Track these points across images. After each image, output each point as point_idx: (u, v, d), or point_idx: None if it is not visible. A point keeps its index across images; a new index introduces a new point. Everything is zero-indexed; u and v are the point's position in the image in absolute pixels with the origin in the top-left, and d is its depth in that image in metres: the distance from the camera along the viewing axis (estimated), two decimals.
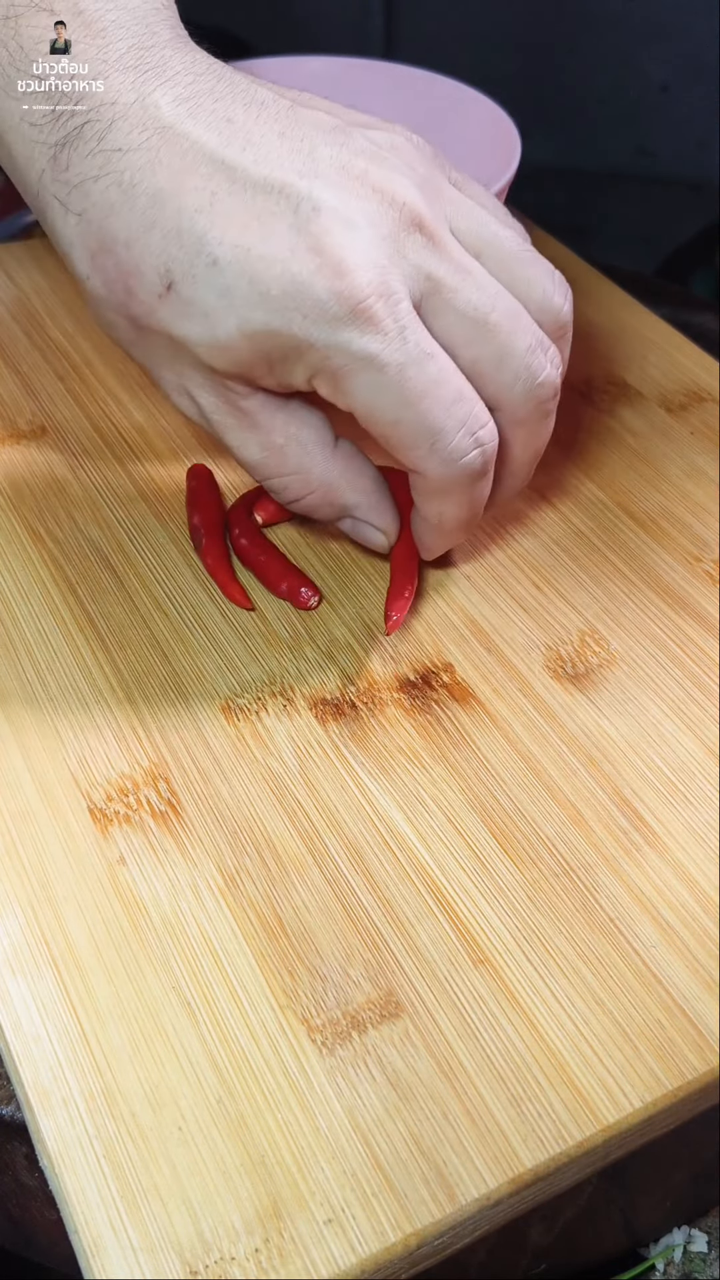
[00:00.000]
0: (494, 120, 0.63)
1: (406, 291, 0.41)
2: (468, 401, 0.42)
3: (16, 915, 0.39)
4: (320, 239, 0.40)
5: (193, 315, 0.41)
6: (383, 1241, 0.33)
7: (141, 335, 0.44)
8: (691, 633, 0.49)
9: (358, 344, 0.40)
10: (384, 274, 0.40)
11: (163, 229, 0.41)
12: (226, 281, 0.40)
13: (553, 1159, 0.34)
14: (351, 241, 0.40)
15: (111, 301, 0.43)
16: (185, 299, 0.41)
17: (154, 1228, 0.33)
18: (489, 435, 0.43)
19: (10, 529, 0.53)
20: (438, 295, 0.42)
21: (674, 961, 0.39)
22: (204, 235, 0.40)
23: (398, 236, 0.41)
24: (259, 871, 0.41)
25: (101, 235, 0.42)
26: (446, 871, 0.41)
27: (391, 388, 0.41)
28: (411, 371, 0.41)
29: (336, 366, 0.41)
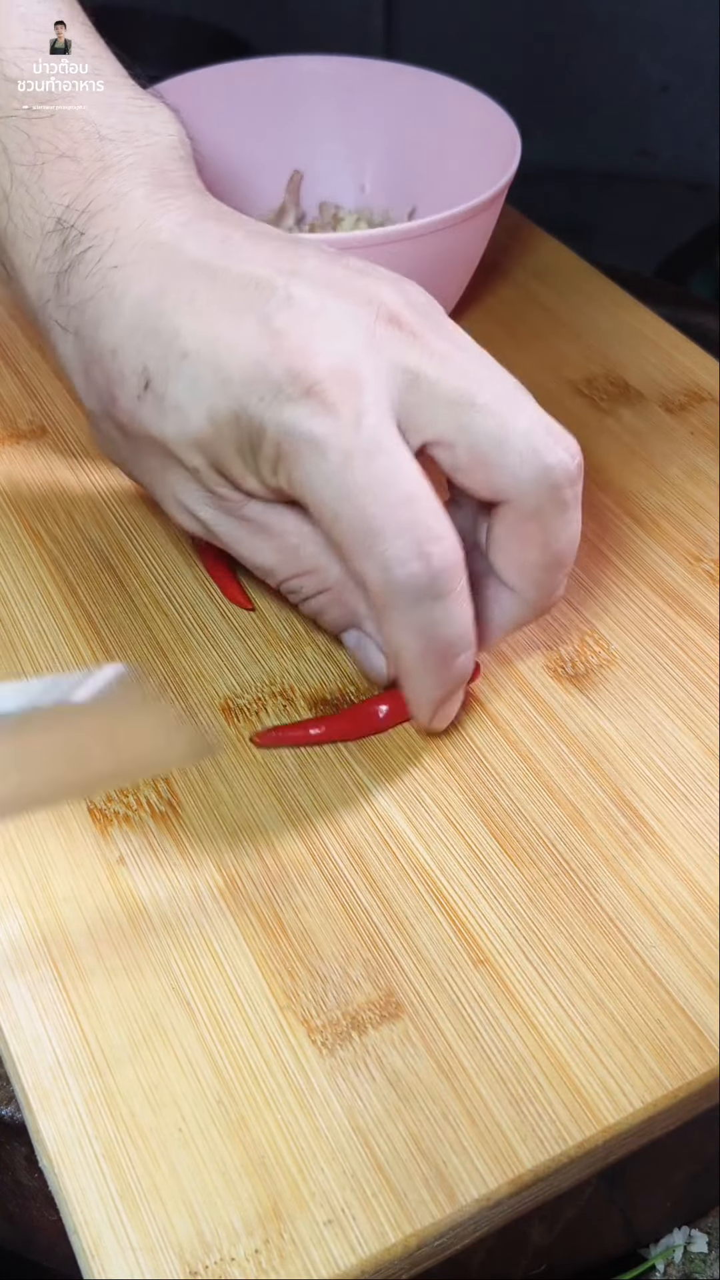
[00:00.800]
0: (494, 120, 0.63)
1: (377, 384, 0.39)
2: (420, 508, 0.39)
3: (16, 915, 0.39)
4: (287, 325, 0.39)
5: (166, 411, 0.41)
6: (383, 1242, 0.33)
7: (132, 446, 0.44)
8: (692, 633, 0.49)
9: (305, 424, 0.38)
10: (349, 360, 0.39)
11: (143, 330, 0.41)
12: (195, 372, 0.40)
13: (553, 1159, 0.34)
14: (318, 328, 0.39)
15: (102, 413, 0.44)
16: (159, 395, 0.41)
17: (154, 1228, 0.33)
18: (442, 552, 0.39)
19: (10, 529, 0.53)
20: (418, 389, 0.40)
21: (674, 961, 0.39)
22: (178, 330, 0.40)
23: (373, 331, 0.40)
24: (259, 872, 0.41)
25: (92, 348, 0.43)
26: (446, 871, 0.41)
27: (334, 477, 0.38)
28: (357, 462, 0.38)
29: (286, 450, 0.39)
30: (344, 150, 0.69)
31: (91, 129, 0.45)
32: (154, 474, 0.44)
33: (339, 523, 0.39)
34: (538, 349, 0.64)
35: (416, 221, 0.56)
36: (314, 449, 0.38)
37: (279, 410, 0.39)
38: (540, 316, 0.67)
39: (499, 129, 0.62)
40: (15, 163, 0.45)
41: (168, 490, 0.44)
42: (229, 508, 0.43)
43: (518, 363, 0.63)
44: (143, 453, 0.44)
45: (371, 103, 0.68)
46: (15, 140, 0.45)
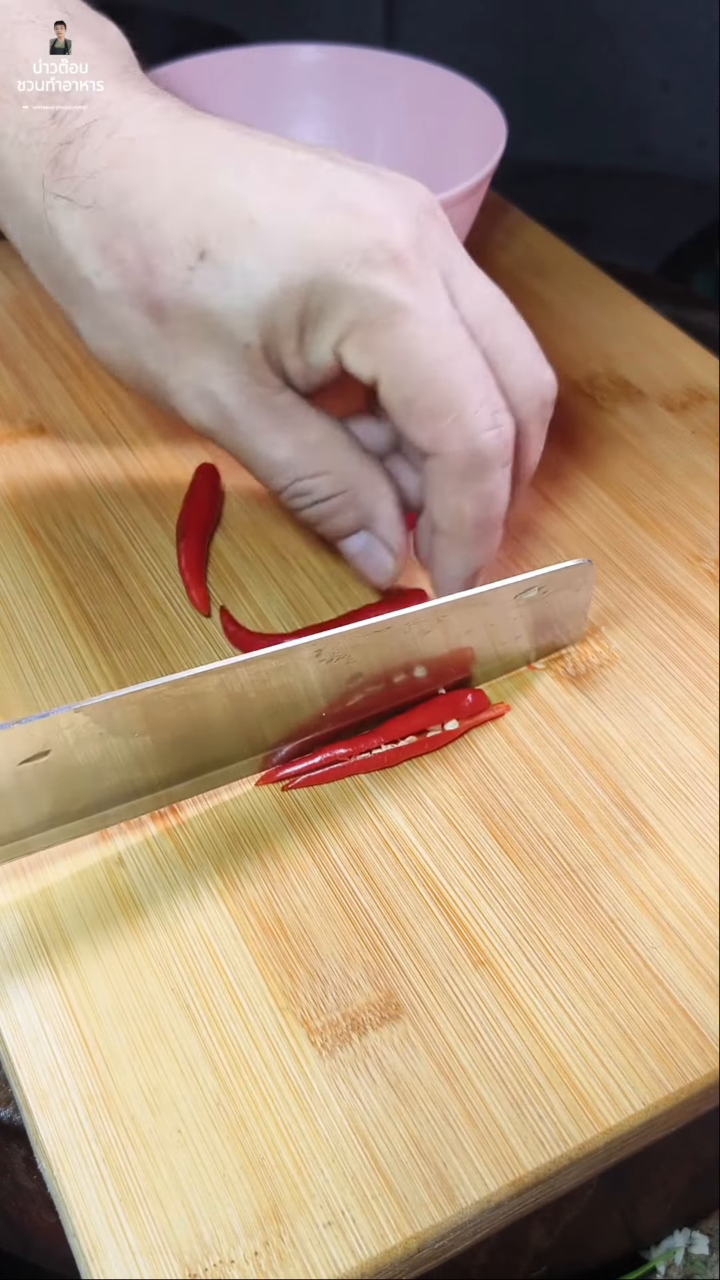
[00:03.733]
0: (481, 107, 0.62)
1: (436, 265, 0.41)
2: (488, 381, 0.41)
3: (15, 916, 0.39)
4: (355, 200, 0.40)
5: (230, 281, 0.40)
6: (383, 1244, 0.33)
7: (163, 330, 0.42)
8: (693, 632, 0.49)
9: (396, 293, 0.39)
10: (417, 235, 0.40)
11: (193, 200, 0.40)
12: (267, 238, 0.39)
13: (553, 1161, 0.34)
14: (386, 204, 0.40)
15: (128, 294, 0.41)
16: (222, 264, 0.40)
17: (153, 1230, 0.33)
18: (507, 421, 0.42)
19: (9, 529, 0.52)
20: (457, 277, 0.41)
21: (675, 962, 0.38)
22: (240, 200, 0.40)
23: (420, 218, 0.41)
24: (259, 873, 0.41)
25: (117, 221, 0.41)
26: (447, 872, 0.41)
27: (423, 344, 0.40)
28: (444, 331, 0.40)
29: (373, 318, 0.40)
30: (337, 138, 0.69)
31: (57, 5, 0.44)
32: (178, 361, 0.42)
33: (429, 388, 0.40)
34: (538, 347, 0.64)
35: None
36: (407, 317, 0.40)
37: (367, 276, 0.39)
38: (541, 314, 0.67)
39: (485, 116, 0.62)
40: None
41: (192, 375, 0.42)
42: (262, 396, 0.42)
43: None
44: (176, 334, 0.42)
45: (362, 89, 0.68)
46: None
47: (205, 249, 0.40)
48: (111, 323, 0.42)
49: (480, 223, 0.64)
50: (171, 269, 0.40)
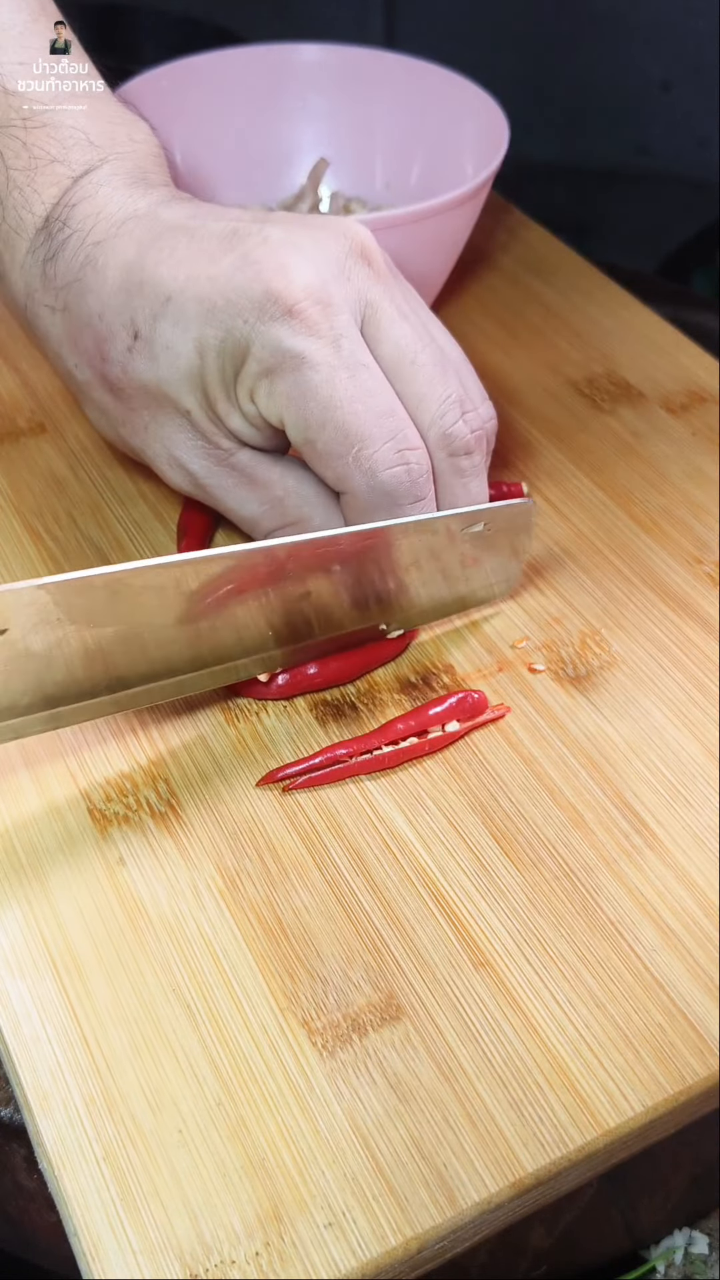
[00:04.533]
0: (481, 107, 0.62)
1: (348, 309, 0.42)
2: (398, 419, 0.43)
3: (16, 916, 0.39)
4: (264, 258, 0.42)
5: (157, 354, 0.44)
6: (383, 1245, 0.33)
7: (125, 406, 0.46)
8: (692, 635, 0.49)
9: (289, 341, 0.42)
10: (324, 284, 0.42)
11: (128, 289, 0.44)
12: (180, 309, 0.43)
13: (553, 1163, 0.34)
14: (294, 256, 0.42)
15: (94, 379, 0.46)
16: (148, 341, 0.44)
17: (154, 1230, 0.33)
18: (418, 459, 0.43)
19: (9, 528, 0.52)
20: (375, 324, 0.43)
21: (675, 965, 0.39)
22: (161, 279, 0.43)
23: (343, 261, 0.43)
24: (259, 873, 0.41)
25: (79, 316, 0.46)
26: (447, 874, 0.41)
27: (320, 389, 0.42)
28: (342, 375, 0.42)
29: (271, 366, 0.42)
30: (337, 138, 0.69)
31: (81, 136, 0.48)
32: (148, 431, 0.46)
33: (324, 432, 0.42)
34: (538, 348, 0.64)
35: (386, 213, 0.56)
36: (299, 364, 0.42)
37: (263, 329, 0.42)
38: (541, 315, 0.67)
39: (489, 117, 0.62)
40: (11, 168, 0.47)
41: (161, 446, 0.46)
42: (220, 457, 0.45)
43: (518, 361, 0.64)
44: (135, 409, 0.46)
45: (363, 90, 0.68)
46: (12, 148, 0.47)
47: (137, 331, 0.44)
48: (96, 406, 0.48)
49: (481, 223, 0.64)
50: (116, 353, 0.45)
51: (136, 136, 0.49)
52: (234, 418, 0.44)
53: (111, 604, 0.39)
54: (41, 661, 0.39)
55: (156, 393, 0.45)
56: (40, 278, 0.47)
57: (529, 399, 0.61)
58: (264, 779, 0.43)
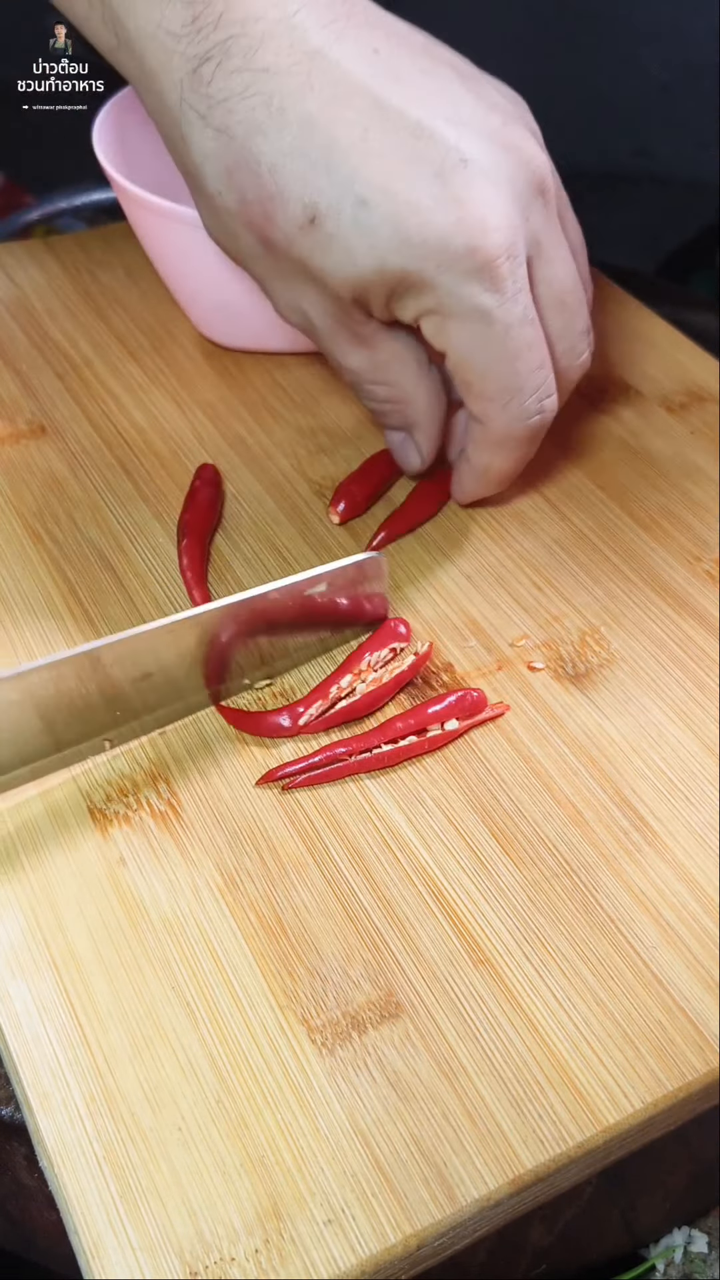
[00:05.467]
0: None
1: (524, 251, 0.44)
2: (546, 369, 0.46)
3: (16, 916, 0.39)
4: (464, 193, 0.42)
5: (333, 250, 0.43)
6: (383, 1242, 0.33)
7: (270, 256, 0.45)
8: (692, 633, 0.49)
9: (479, 298, 0.43)
10: (514, 235, 0.43)
11: (311, 159, 0.42)
12: (372, 222, 0.42)
13: (553, 1160, 0.34)
14: (492, 199, 0.42)
15: (244, 219, 0.44)
16: (328, 233, 0.43)
17: (154, 1228, 0.33)
18: (552, 404, 0.47)
19: (9, 529, 0.53)
20: (540, 262, 0.45)
21: (674, 962, 0.39)
22: (355, 172, 0.42)
23: (526, 198, 0.44)
24: (259, 872, 0.41)
25: (244, 154, 0.42)
26: (447, 872, 0.41)
27: (494, 342, 0.44)
28: (515, 332, 0.44)
29: (452, 311, 0.43)
30: None
31: None
32: (279, 279, 0.46)
33: (487, 378, 0.45)
34: None
35: None
36: (481, 317, 0.43)
37: (455, 280, 0.43)
38: None
39: None
40: None
41: (291, 295, 0.46)
42: (345, 322, 0.46)
43: None
44: (280, 265, 0.45)
45: None
46: None
47: (315, 215, 0.42)
48: (226, 228, 0.46)
49: None
50: (284, 221, 0.43)
51: None
52: (383, 313, 0.45)
53: None
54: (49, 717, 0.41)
55: (314, 272, 0.44)
56: (190, 73, 0.42)
57: None
58: (264, 778, 0.43)
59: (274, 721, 0.45)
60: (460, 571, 0.52)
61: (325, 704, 0.45)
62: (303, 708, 0.45)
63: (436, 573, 0.51)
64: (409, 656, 0.47)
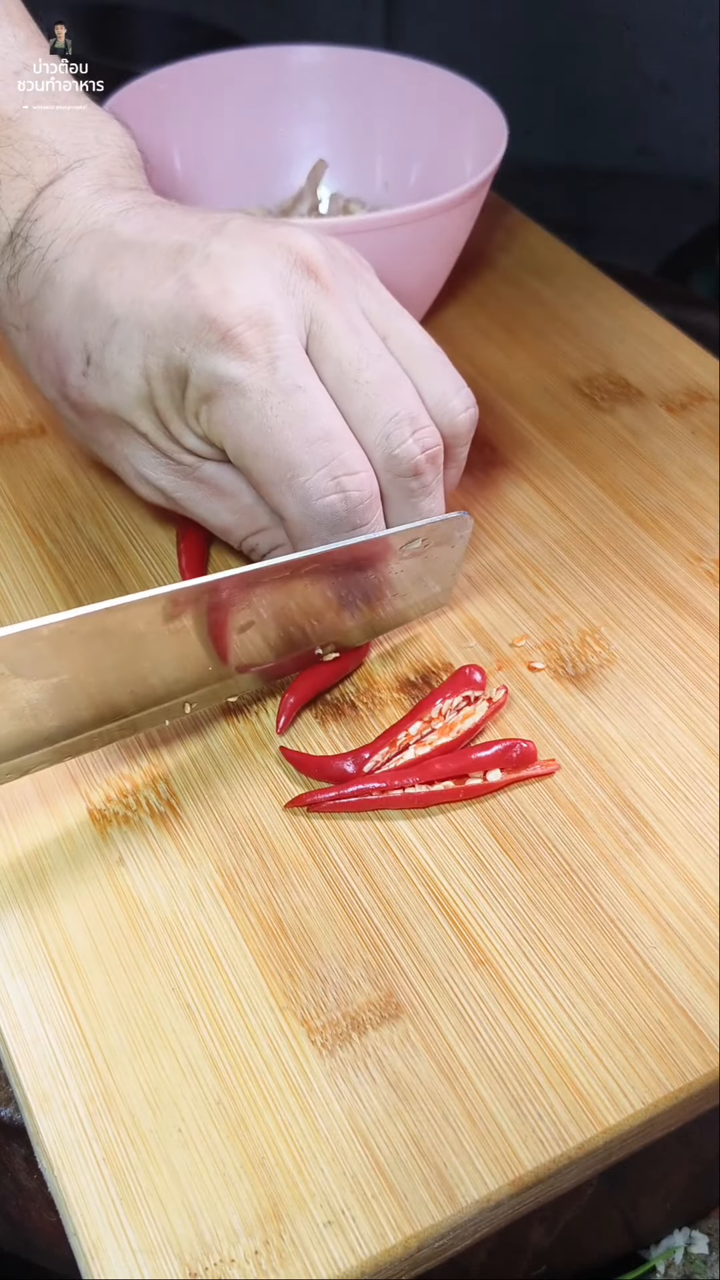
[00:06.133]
0: (481, 107, 0.63)
1: (290, 327, 0.42)
2: (336, 443, 0.41)
3: (16, 916, 0.39)
4: (202, 278, 0.42)
5: (108, 379, 0.43)
6: (383, 1243, 0.33)
7: (88, 423, 0.46)
8: (692, 632, 0.49)
9: (223, 368, 0.41)
10: (262, 304, 0.41)
11: (81, 311, 0.44)
12: (125, 335, 0.43)
13: (553, 1160, 0.34)
14: (233, 276, 0.42)
15: (58, 397, 0.46)
16: (99, 366, 0.44)
17: (153, 1229, 0.33)
18: (357, 485, 0.42)
19: (9, 529, 0.53)
20: (321, 340, 0.42)
21: (675, 962, 0.39)
22: (110, 303, 0.43)
23: (288, 277, 0.42)
24: (259, 872, 0.41)
25: (40, 336, 0.45)
26: (447, 872, 0.41)
27: (253, 415, 0.41)
28: (275, 400, 0.41)
29: (208, 392, 0.42)
30: (337, 138, 0.69)
31: (46, 146, 0.47)
32: (113, 447, 0.46)
33: (259, 460, 0.42)
34: (538, 347, 0.64)
35: (385, 213, 0.56)
36: (233, 390, 0.41)
37: (199, 356, 0.41)
38: (541, 315, 0.67)
39: (487, 117, 0.62)
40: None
41: (127, 463, 0.46)
42: (184, 471, 0.45)
43: (518, 361, 0.64)
44: (98, 428, 0.46)
45: (362, 91, 0.68)
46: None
47: (89, 355, 0.44)
48: (66, 420, 0.48)
49: (481, 224, 0.64)
50: (72, 376, 0.45)
51: (104, 138, 0.48)
52: (188, 436, 0.44)
53: None
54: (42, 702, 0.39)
55: (112, 415, 0.44)
56: (7, 293, 0.46)
57: (529, 398, 0.61)
58: (292, 802, 0.42)
59: (339, 767, 0.43)
60: (460, 571, 0.51)
61: (392, 750, 0.44)
62: (368, 754, 0.43)
63: None
64: (483, 704, 0.45)
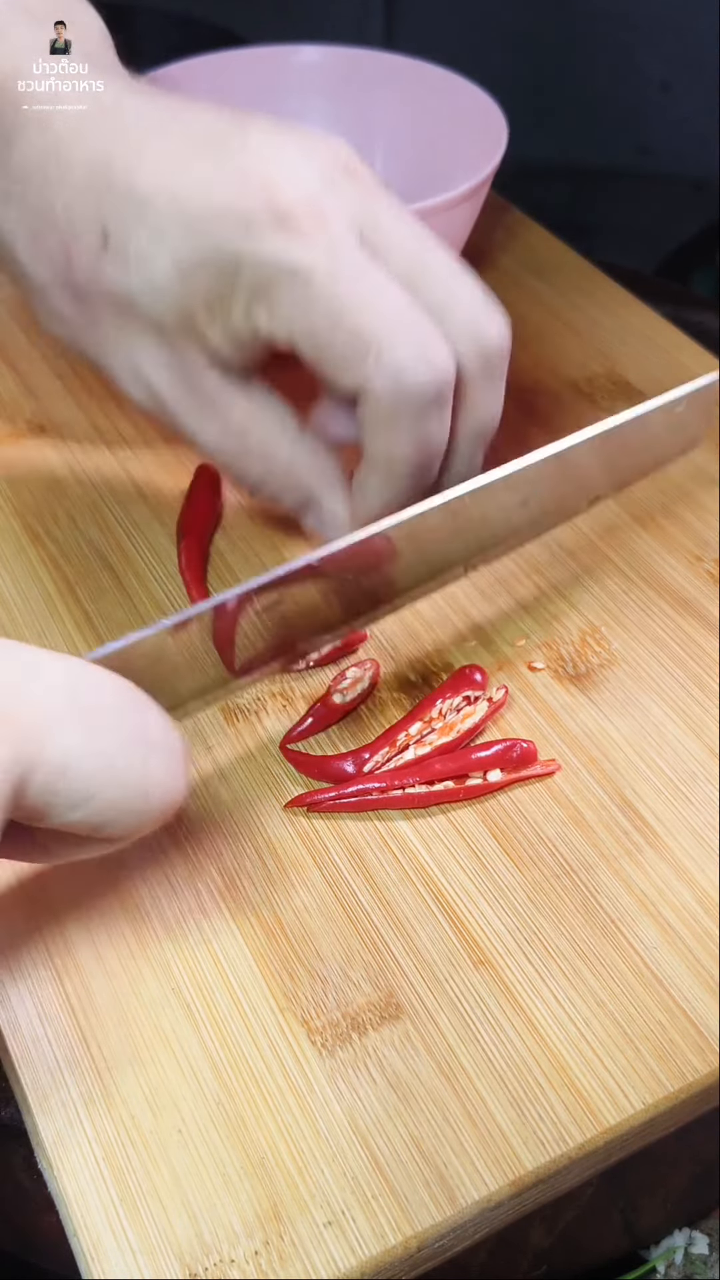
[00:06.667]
0: (481, 107, 0.63)
1: (343, 220, 0.40)
2: (417, 315, 0.40)
3: (15, 917, 0.39)
4: (248, 164, 0.39)
5: (129, 263, 0.40)
6: (383, 1244, 0.33)
7: (88, 312, 0.43)
8: (693, 633, 0.49)
9: (284, 254, 0.39)
10: (314, 193, 0.39)
11: (97, 188, 0.41)
12: (157, 219, 0.40)
13: (554, 1161, 0.34)
14: (279, 164, 0.39)
15: (56, 281, 0.43)
16: (121, 248, 0.40)
17: (153, 1230, 0.33)
18: (442, 359, 0.40)
19: (9, 529, 0.53)
20: (378, 232, 0.40)
21: (675, 962, 0.38)
22: (134, 181, 0.40)
23: (332, 175, 0.40)
24: (258, 872, 0.41)
25: (41, 212, 0.42)
26: (447, 872, 0.41)
27: (322, 300, 0.39)
28: (344, 284, 0.39)
29: (269, 282, 0.39)
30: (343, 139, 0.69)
31: (19, 6, 0.44)
32: (110, 341, 0.43)
33: (337, 339, 0.39)
34: (538, 347, 0.64)
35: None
36: (296, 277, 0.39)
37: (255, 242, 0.39)
38: (541, 314, 0.67)
39: (487, 117, 0.62)
40: None
41: (123, 357, 0.43)
42: (186, 375, 0.42)
43: (518, 361, 0.63)
44: (100, 318, 0.43)
45: (362, 91, 0.68)
46: None
47: (107, 233, 0.40)
48: (51, 310, 0.44)
49: (480, 223, 0.64)
50: (83, 255, 0.41)
51: (80, 20, 0.46)
52: (217, 334, 0.41)
53: None
54: None
55: (125, 302, 0.41)
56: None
57: (529, 398, 0.61)
58: (292, 802, 0.42)
59: (338, 767, 0.43)
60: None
61: (392, 750, 0.44)
62: (368, 754, 0.43)
63: None
64: (483, 704, 0.45)
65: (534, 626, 0.49)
